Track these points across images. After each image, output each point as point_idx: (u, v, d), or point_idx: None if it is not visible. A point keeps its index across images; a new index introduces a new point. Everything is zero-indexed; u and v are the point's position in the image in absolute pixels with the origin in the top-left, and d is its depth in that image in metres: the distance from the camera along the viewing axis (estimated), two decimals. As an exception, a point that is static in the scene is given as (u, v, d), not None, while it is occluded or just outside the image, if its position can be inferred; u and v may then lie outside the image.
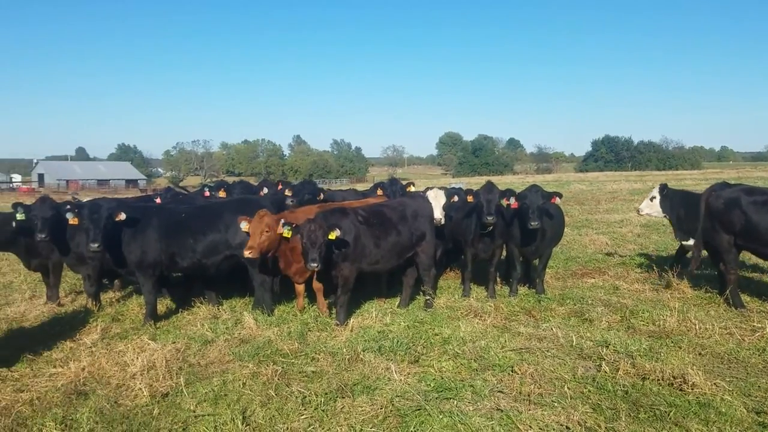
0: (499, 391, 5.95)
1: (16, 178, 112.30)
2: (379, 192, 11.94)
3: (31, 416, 5.49)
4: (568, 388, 5.96)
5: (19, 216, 9.25)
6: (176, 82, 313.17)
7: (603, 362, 6.58)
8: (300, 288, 9.06)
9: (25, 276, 12.12)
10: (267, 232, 8.05)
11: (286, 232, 7.97)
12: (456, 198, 9.82)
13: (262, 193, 12.22)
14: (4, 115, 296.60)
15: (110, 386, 6.21)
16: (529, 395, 5.84)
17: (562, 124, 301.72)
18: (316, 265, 7.58)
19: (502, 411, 5.47)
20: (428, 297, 9.25)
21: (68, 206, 8.99)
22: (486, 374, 6.38)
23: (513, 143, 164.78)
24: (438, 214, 9.53)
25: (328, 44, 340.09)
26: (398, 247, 8.79)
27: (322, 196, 11.43)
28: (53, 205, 9.27)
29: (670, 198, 11.21)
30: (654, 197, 11.36)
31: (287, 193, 10.72)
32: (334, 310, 8.58)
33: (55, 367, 6.77)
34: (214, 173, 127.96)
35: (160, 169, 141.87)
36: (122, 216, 8.23)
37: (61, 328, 8.49)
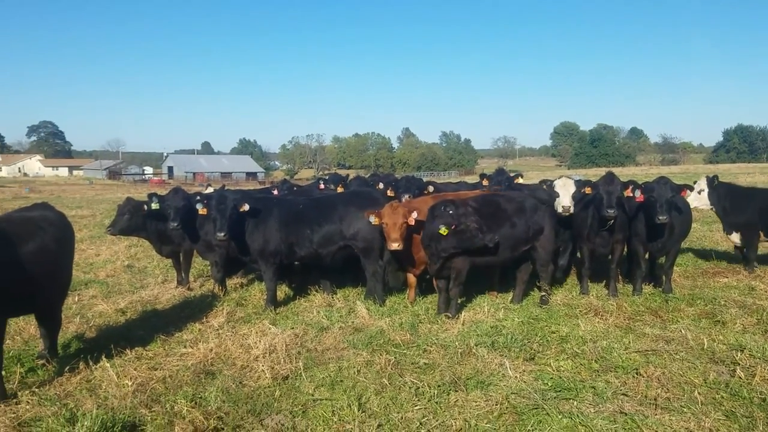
0: (622, 394, 5.65)
1: (148, 170, 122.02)
2: (485, 183, 11.72)
3: (164, 393, 5.82)
4: (699, 393, 5.56)
5: (154, 206, 9.98)
6: (293, 79, 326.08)
7: (737, 367, 6.09)
8: (412, 280, 9.11)
9: (158, 261, 13.02)
10: (405, 223, 8.16)
11: (443, 231, 7.83)
12: (588, 189, 9.34)
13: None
14: (139, 111, 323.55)
15: (235, 367, 6.53)
16: (655, 399, 5.50)
17: (690, 113, 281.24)
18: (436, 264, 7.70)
19: (626, 414, 5.20)
20: (544, 293, 8.96)
21: (198, 197, 9.60)
22: (608, 376, 6.08)
23: (635, 133, 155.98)
24: (567, 201, 9.18)
25: (438, 37, 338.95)
26: (511, 240, 8.54)
27: (431, 189, 11.35)
28: (185, 196, 9.93)
29: (718, 190, 11.23)
30: (702, 190, 11.33)
31: (389, 193, 10.64)
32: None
33: (185, 347, 7.18)
34: (326, 166, 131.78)
35: (276, 162, 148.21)
36: (246, 207, 8.65)
37: (191, 311, 9.07)
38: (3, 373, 5.92)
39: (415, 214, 8.24)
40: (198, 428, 4.86)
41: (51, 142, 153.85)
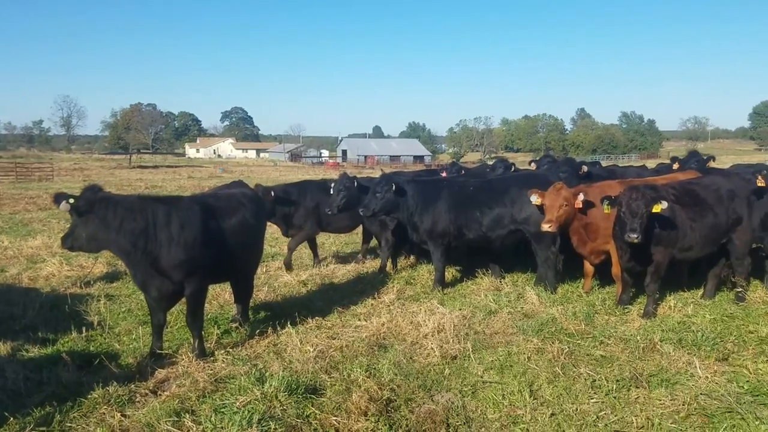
0: (839, 406, 4.93)
1: (325, 153, 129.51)
2: (675, 167, 10.81)
3: (342, 361, 6.14)
4: None
5: None
6: (461, 62, 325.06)
7: None
8: (589, 268, 8.66)
9: (334, 238, 13.83)
10: (565, 205, 7.83)
11: (606, 209, 7.43)
12: None
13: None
14: (318, 98, 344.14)
15: (406, 343, 6.72)
16: None
17: None
18: (635, 236, 6.83)
19: (844, 429, 4.53)
20: (740, 289, 8.05)
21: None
22: (821, 384, 5.34)
23: None
24: None
25: (617, 8, 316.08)
26: (714, 233, 7.78)
27: (585, 169, 10.72)
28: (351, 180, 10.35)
29: None
30: None
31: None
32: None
33: (359, 320, 7.51)
34: (492, 149, 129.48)
35: (443, 145, 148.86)
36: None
37: (363, 287, 9.51)
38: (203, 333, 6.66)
39: (581, 197, 7.85)
40: (373, 397, 5.06)
41: (241, 126, 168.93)
